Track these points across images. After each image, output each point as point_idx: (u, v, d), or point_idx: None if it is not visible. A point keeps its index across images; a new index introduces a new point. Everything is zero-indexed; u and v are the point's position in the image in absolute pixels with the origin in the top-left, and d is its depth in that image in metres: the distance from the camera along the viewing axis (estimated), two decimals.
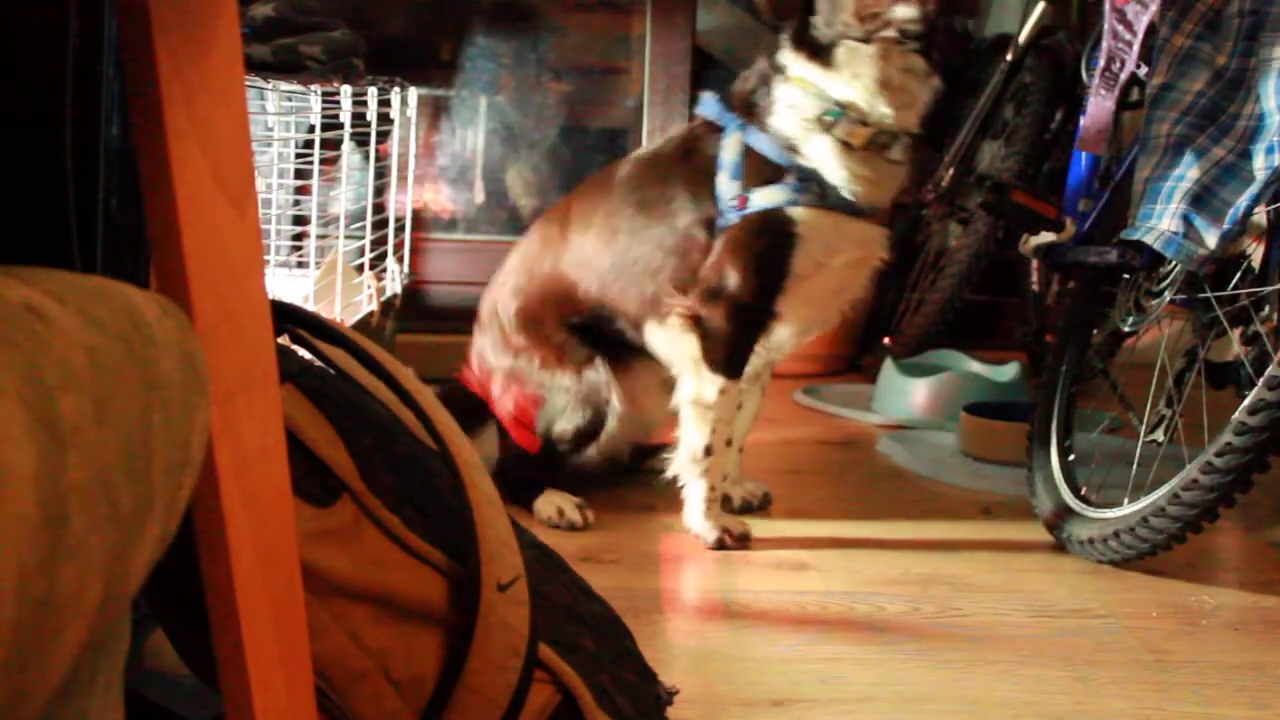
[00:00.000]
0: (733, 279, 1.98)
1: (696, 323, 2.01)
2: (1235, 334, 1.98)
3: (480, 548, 1.11)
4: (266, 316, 0.85)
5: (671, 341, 2.08)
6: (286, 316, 1.16)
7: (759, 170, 1.99)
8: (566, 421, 2.15)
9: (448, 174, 4.03)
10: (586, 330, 2.16)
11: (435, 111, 3.98)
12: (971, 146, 3.41)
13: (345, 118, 2.63)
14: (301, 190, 2.98)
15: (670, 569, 1.96)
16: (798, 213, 1.96)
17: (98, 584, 0.53)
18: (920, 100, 2.00)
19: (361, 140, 2.88)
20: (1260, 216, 1.92)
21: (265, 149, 2.76)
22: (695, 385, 2.03)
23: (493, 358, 2.24)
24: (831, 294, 2.08)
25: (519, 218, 4.04)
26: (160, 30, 0.74)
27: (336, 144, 2.84)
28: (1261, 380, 1.78)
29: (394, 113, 3.01)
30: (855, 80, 1.94)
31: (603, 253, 2.13)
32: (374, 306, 2.85)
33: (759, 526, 2.14)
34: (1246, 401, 1.79)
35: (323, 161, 2.66)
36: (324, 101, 2.53)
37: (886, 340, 3.55)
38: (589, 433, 2.16)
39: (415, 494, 1.13)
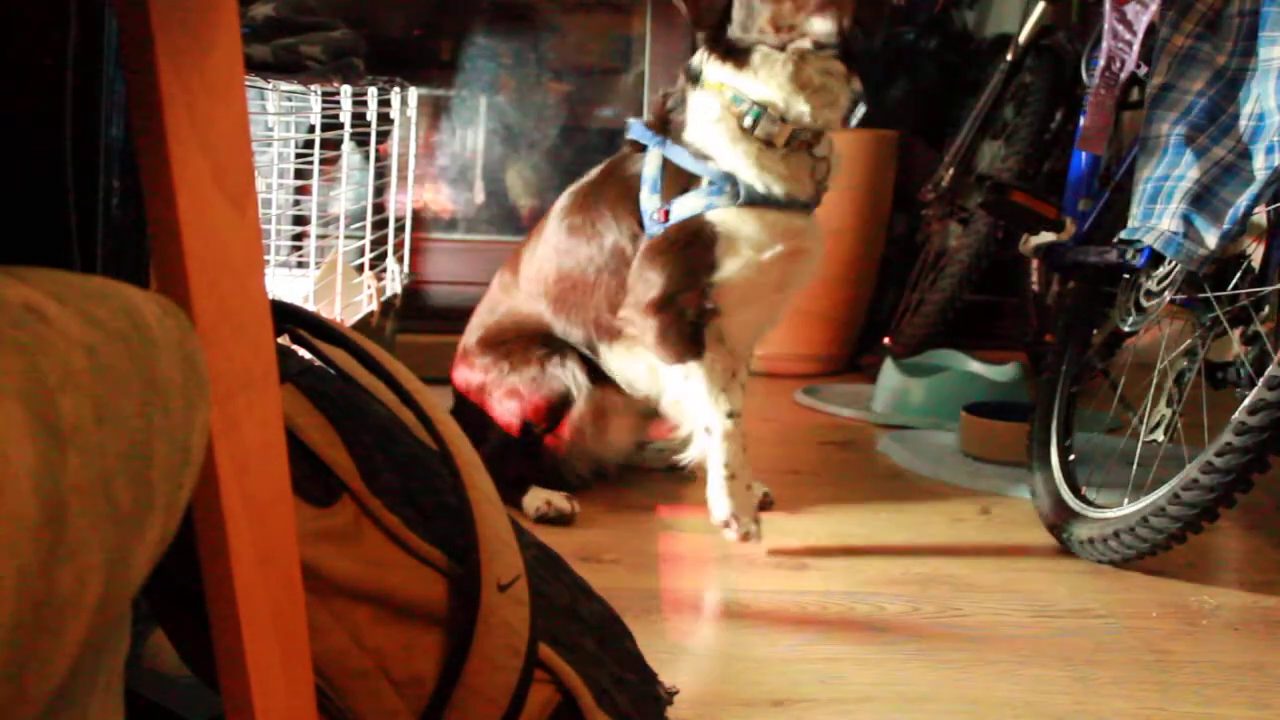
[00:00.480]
0: (654, 278, 2.03)
1: (641, 335, 2.06)
2: (1235, 334, 1.98)
3: (480, 548, 1.11)
4: (266, 316, 0.85)
5: (626, 360, 2.15)
6: (286, 316, 1.16)
7: (677, 181, 2.03)
8: (539, 399, 2.21)
9: (448, 174, 4.03)
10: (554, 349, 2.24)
11: (435, 111, 3.98)
12: (971, 146, 3.42)
13: (345, 118, 2.63)
14: (301, 190, 2.98)
15: (670, 569, 1.96)
16: (716, 215, 2.00)
17: (98, 584, 0.53)
18: (841, 100, 2.02)
19: (361, 140, 2.88)
20: (1260, 216, 1.92)
21: (265, 149, 2.76)
22: (672, 384, 2.07)
23: (470, 378, 2.32)
24: (773, 289, 2.09)
25: (519, 218, 4.04)
26: (160, 30, 0.74)
27: (336, 144, 2.84)
28: (1261, 380, 1.78)
29: (394, 113, 3.01)
30: (771, 81, 1.97)
31: (547, 283, 2.22)
32: (374, 306, 2.85)
33: (762, 523, 2.14)
34: (1246, 401, 1.79)
35: (323, 161, 2.66)
36: (324, 101, 2.53)
37: (886, 340, 3.55)
38: (559, 407, 2.21)
39: (415, 494, 1.13)
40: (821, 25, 1.92)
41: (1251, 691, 1.55)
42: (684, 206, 2.01)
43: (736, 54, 1.98)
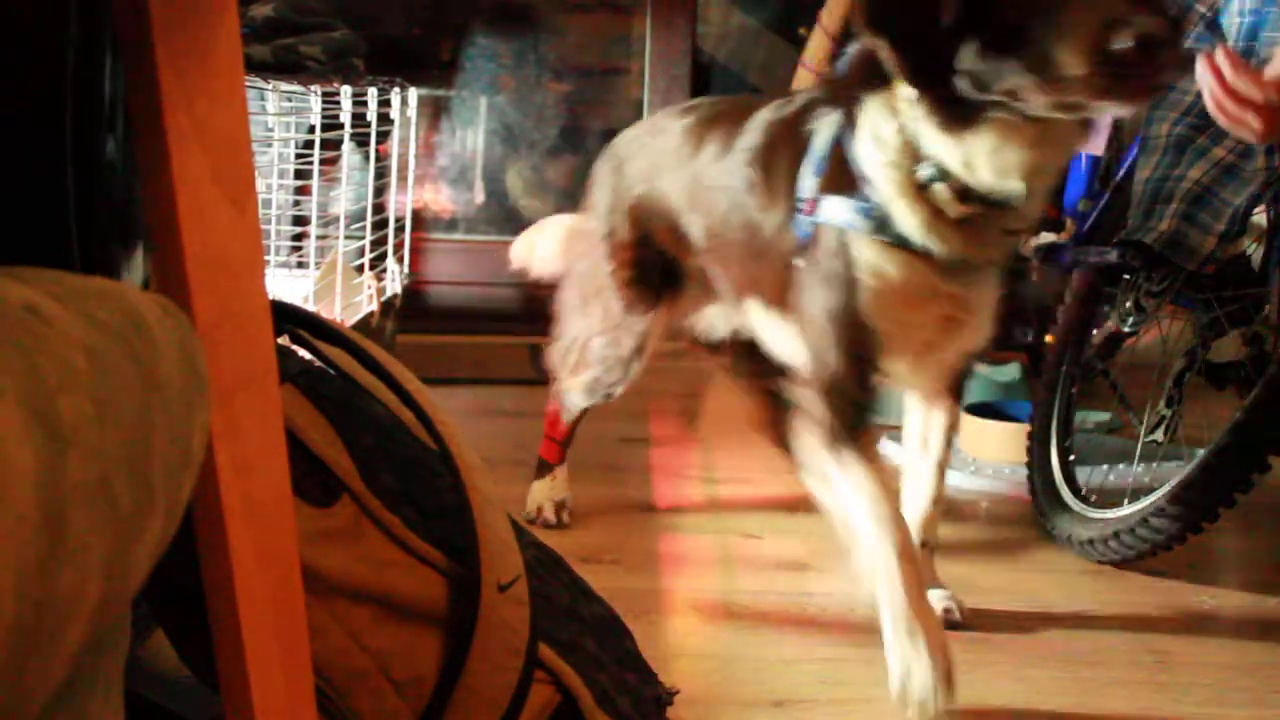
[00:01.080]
0: (813, 347, 1.62)
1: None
2: (1235, 334, 1.98)
3: (480, 548, 1.11)
4: (266, 316, 0.85)
5: (773, 328, 1.81)
6: (286, 316, 1.16)
7: (839, 175, 1.57)
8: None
9: (448, 174, 4.03)
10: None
11: (435, 111, 3.97)
12: None
13: (345, 118, 2.63)
14: (301, 190, 2.98)
15: (670, 569, 1.96)
16: (858, 246, 1.54)
17: (98, 584, 0.53)
18: (1055, 170, 1.52)
19: (361, 140, 2.88)
20: (1260, 216, 1.92)
21: (265, 149, 2.76)
22: (812, 462, 1.63)
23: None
24: (924, 345, 1.64)
25: (519, 218, 4.04)
26: (160, 30, 0.74)
27: (336, 144, 2.84)
28: (1261, 380, 1.78)
29: (394, 113, 3.01)
30: (989, 158, 1.44)
31: (711, 202, 1.84)
32: (374, 307, 2.85)
33: (759, 523, 2.14)
34: (1246, 401, 1.80)
35: (323, 161, 2.66)
36: (324, 101, 2.53)
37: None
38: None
39: (415, 494, 1.13)
40: (1147, 24, 1.27)
41: (1251, 691, 1.55)
42: (830, 210, 1.56)
43: (959, 111, 1.42)
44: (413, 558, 1.10)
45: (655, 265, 1.99)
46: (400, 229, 3.21)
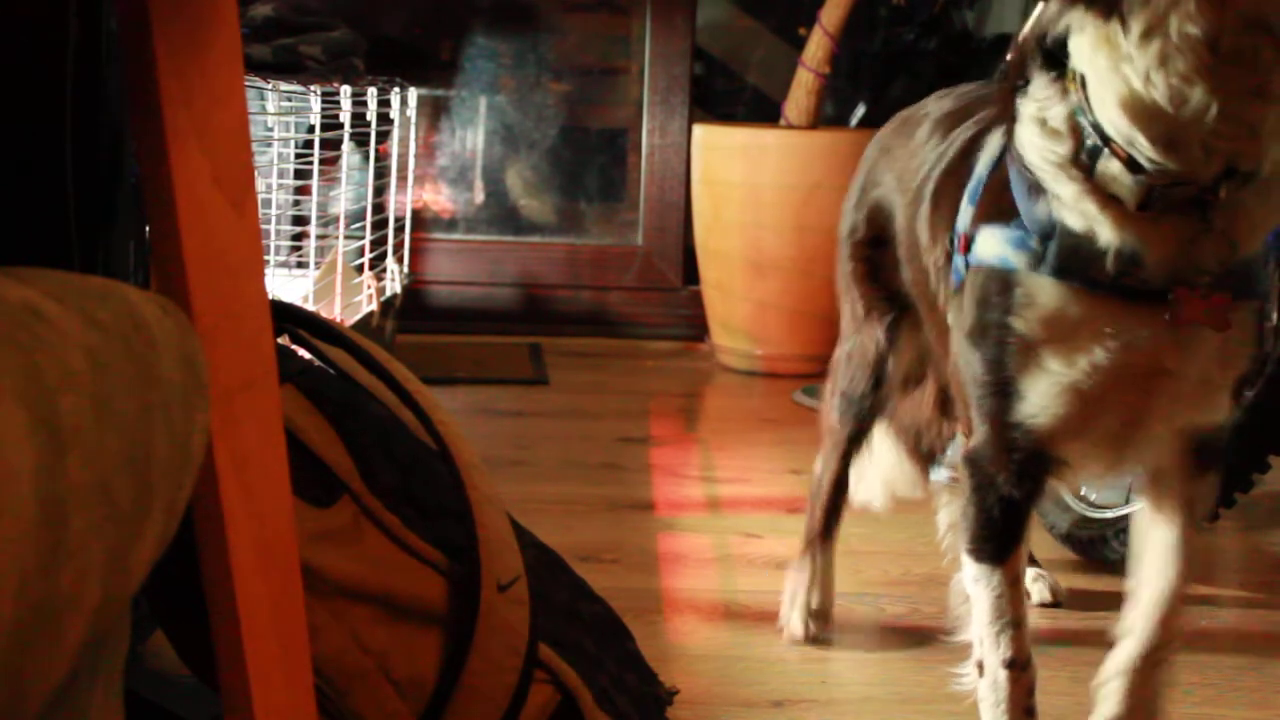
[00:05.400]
0: (963, 410, 1.33)
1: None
2: None
3: (480, 548, 1.11)
4: (266, 316, 0.85)
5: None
6: (286, 316, 1.16)
7: (997, 198, 1.24)
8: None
9: (448, 174, 4.03)
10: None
11: (435, 111, 3.98)
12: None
13: (345, 118, 2.63)
14: (301, 190, 2.98)
15: (670, 569, 1.96)
16: (1019, 279, 1.20)
17: (97, 584, 0.53)
18: (1272, 102, 1.06)
19: (361, 140, 2.88)
20: None
21: (265, 149, 2.76)
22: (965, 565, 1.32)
23: None
24: (1116, 423, 1.24)
25: (519, 218, 4.04)
26: (160, 30, 0.74)
27: (336, 144, 2.84)
28: (1261, 380, 1.78)
29: (394, 113, 3.01)
30: (1148, 54, 1.06)
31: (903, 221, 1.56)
32: (374, 306, 2.85)
33: (759, 524, 2.14)
34: (1246, 401, 1.80)
35: (323, 161, 2.67)
36: (324, 101, 2.53)
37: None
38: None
39: (415, 494, 1.13)
40: None
41: (1251, 691, 1.55)
42: (984, 247, 1.23)
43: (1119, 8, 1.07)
44: (413, 558, 1.10)
45: (889, 269, 1.64)
46: (400, 229, 3.21)
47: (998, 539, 1.27)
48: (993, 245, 1.22)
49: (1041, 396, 1.20)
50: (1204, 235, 1.12)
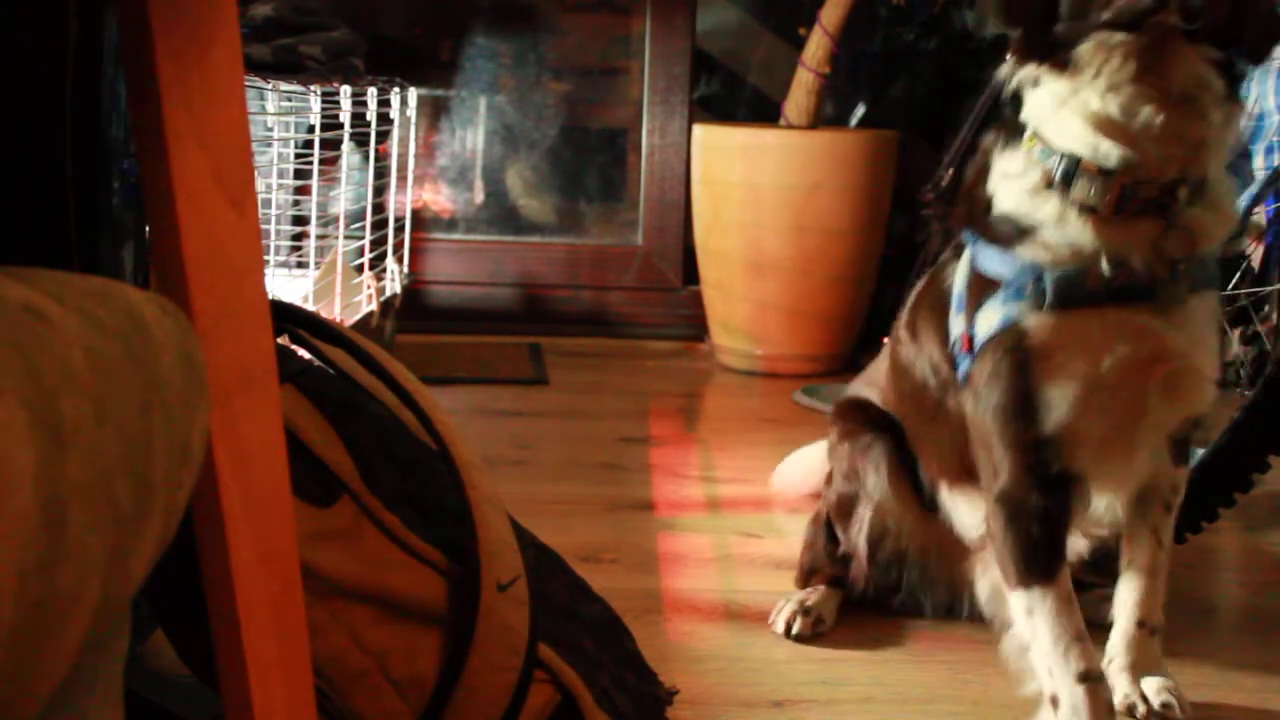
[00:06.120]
0: (982, 457, 1.41)
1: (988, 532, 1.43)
2: (1235, 334, 1.98)
3: (480, 548, 1.11)
4: (266, 316, 0.85)
5: (964, 510, 1.59)
6: (286, 316, 1.16)
7: (981, 292, 1.39)
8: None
9: (448, 174, 4.03)
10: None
11: (435, 111, 3.98)
12: (971, 146, 3.41)
13: (345, 118, 2.64)
14: (301, 190, 2.98)
15: (670, 569, 1.96)
16: (1028, 323, 1.33)
17: (97, 584, 0.53)
18: (1213, 130, 1.29)
19: (361, 140, 2.88)
20: (1260, 216, 1.92)
21: (265, 149, 2.76)
22: (1017, 618, 1.38)
23: None
24: (1129, 420, 1.37)
25: (519, 218, 4.04)
26: (160, 30, 0.74)
27: (336, 144, 2.84)
28: (1261, 380, 1.78)
29: (394, 113, 3.02)
30: (1099, 84, 1.27)
31: (889, 397, 1.73)
32: (374, 306, 2.85)
33: (759, 524, 2.14)
34: (1246, 401, 1.80)
35: (322, 161, 2.67)
36: (324, 101, 2.53)
37: (886, 340, 3.54)
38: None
39: (415, 494, 1.14)
40: None
41: (1251, 691, 1.55)
42: (983, 324, 1.37)
43: (1060, 52, 1.29)
44: (412, 557, 1.10)
45: None
46: (400, 229, 3.21)
47: (1043, 557, 1.33)
48: (993, 316, 1.36)
49: (1063, 405, 1.31)
50: (1169, 232, 1.30)
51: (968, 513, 1.58)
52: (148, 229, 0.92)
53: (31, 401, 0.49)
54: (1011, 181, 1.35)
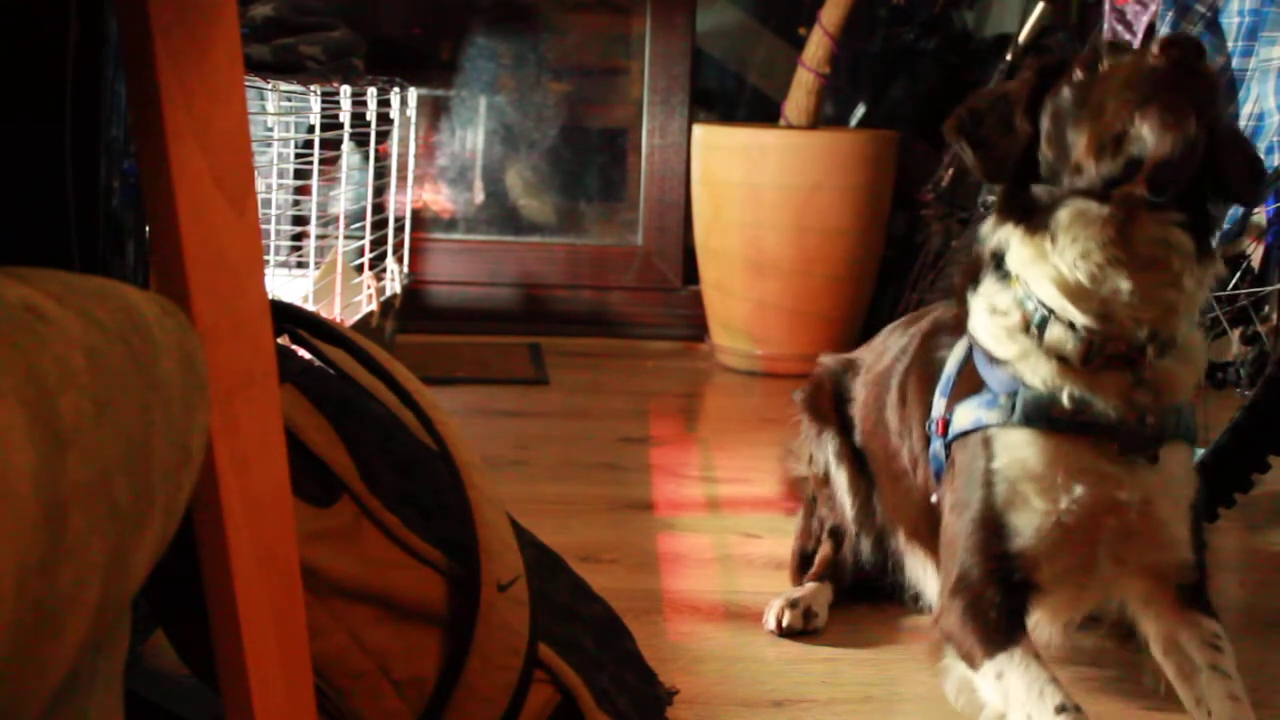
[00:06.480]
0: (945, 545, 1.47)
1: (940, 616, 1.46)
2: (1235, 334, 1.98)
3: (480, 548, 1.11)
4: (266, 316, 0.85)
5: (917, 564, 1.68)
6: (286, 316, 1.16)
7: (967, 384, 1.48)
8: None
9: (448, 174, 4.03)
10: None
11: (435, 111, 3.98)
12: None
13: (345, 118, 2.64)
14: (301, 190, 2.98)
15: (670, 569, 1.96)
16: (992, 440, 1.42)
17: (97, 584, 0.53)
18: (1182, 295, 1.35)
19: (361, 140, 2.88)
20: (1260, 216, 1.92)
21: (265, 149, 2.76)
22: (988, 695, 1.38)
23: None
24: (1086, 551, 1.41)
25: (519, 218, 4.04)
26: (160, 30, 0.74)
27: (336, 144, 2.84)
28: (1261, 380, 1.78)
29: (394, 113, 3.01)
30: (1072, 249, 1.34)
31: (862, 428, 1.79)
32: (374, 306, 2.85)
33: (759, 524, 2.14)
34: (1246, 401, 1.80)
35: (322, 161, 2.67)
36: (324, 101, 2.53)
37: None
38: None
39: (415, 494, 1.13)
40: (1153, 137, 1.26)
41: (1252, 692, 1.55)
42: (960, 418, 1.46)
43: (1035, 216, 1.37)
44: (412, 557, 1.10)
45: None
46: (400, 229, 3.21)
47: (1005, 629, 1.36)
48: (968, 414, 1.44)
49: (1028, 532, 1.38)
50: (1137, 387, 1.36)
51: (919, 566, 1.67)
52: (148, 229, 0.92)
53: (31, 401, 0.49)
54: (995, 318, 1.43)
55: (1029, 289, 1.39)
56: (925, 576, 1.65)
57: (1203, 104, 1.28)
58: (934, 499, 1.53)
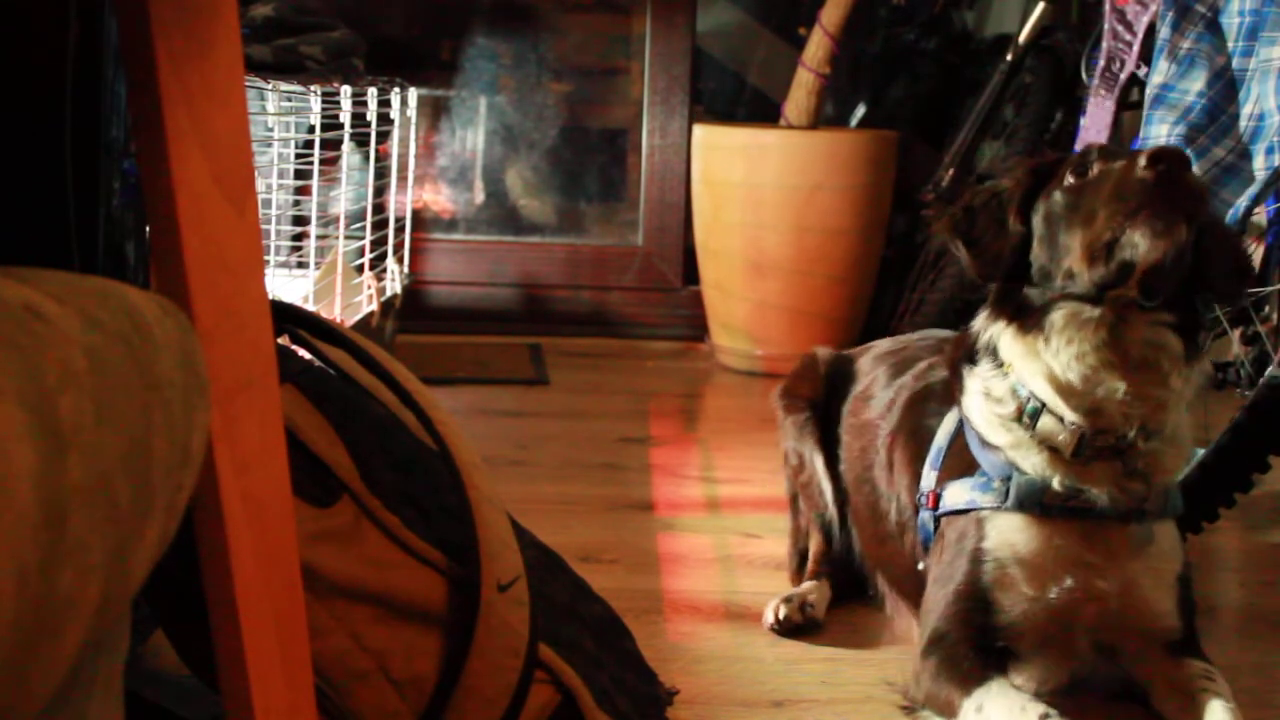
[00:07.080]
0: (929, 617, 1.48)
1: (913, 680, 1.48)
2: (1235, 334, 1.98)
3: (480, 548, 1.11)
4: (266, 316, 0.85)
5: (904, 612, 1.70)
6: (286, 317, 1.16)
7: (959, 461, 1.53)
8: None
9: (448, 174, 4.03)
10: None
11: (435, 111, 3.98)
12: (971, 146, 3.41)
13: (345, 118, 2.63)
14: (301, 190, 2.98)
15: (670, 569, 1.96)
16: (987, 515, 1.46)
17: (97, 584, 0.53)
18: (1172, 390, 1.40)
19: (361, 140, 2.88)
20: (1260, 216, 1.92)
21: (265, 149, 2.76)
22: None
23: None
24: (1062, 630, 1.45)
25: (519, 218, 4.04)
26: (160, 30, 0.74)
27: (336, 144, 2.84)
28: (1261, 380, 1.78)
29: (394, 113, 3.01)
30: (1067, 351, 1.39)
31: (852, 467, 1.79)
32: (374, 307, 2.85)
33: (759, 524, 2.14)
34: (1247, 402, 1.80)
35: (323, 161, 2.67)
36: (324, 101, 2.53)
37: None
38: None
39: (415, 494, 1.13)
40: (1144, 244, 1.31)
41: (1251, 691, 1.55)
42: (952, 497, 1.50)
43: (1029, 316, 1.43)
44: (413, 558, 1.10)
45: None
46: (400, 229, 3.21)
47: (978, 672, 1.39)
48: (960, 494, 1.48)
49: (1013, 611, 1.42)
50: (1129, 476, 1.42)
51: (902, 617, 1.70)
52: (148, 229, 0.92)
53: (31, 402, 0.49)
54: (989, 404, 1.47)
55: (1023, 379, 1.44)
56: (910, 627, 1.64)
57: (1191, 212, 1.34)
58: (921, 566, 1.56)
